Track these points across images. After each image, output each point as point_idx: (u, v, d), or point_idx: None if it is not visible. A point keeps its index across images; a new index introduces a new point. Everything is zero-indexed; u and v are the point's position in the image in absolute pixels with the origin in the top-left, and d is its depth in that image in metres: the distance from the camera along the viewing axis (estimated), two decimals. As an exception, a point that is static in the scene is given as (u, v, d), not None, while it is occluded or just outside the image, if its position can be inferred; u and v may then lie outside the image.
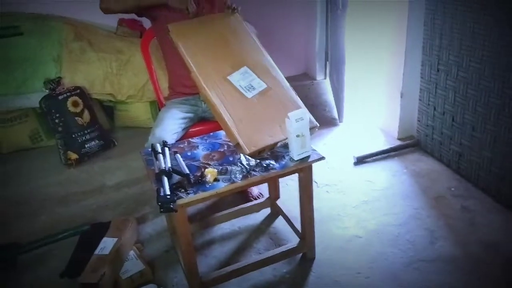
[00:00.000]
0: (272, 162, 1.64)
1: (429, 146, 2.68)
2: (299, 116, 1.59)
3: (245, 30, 2.00)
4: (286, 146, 1.71)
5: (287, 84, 1.85)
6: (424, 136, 2.71)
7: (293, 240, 1.99)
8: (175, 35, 1.88)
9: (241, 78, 1.80)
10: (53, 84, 2.88)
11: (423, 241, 1.99)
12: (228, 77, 1.79)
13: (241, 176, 1.57)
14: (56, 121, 2.85)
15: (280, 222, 2.19)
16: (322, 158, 1.69)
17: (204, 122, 2.26)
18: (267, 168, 1.62)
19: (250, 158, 1.60)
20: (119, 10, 2.10)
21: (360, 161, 2.67)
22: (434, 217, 2.14)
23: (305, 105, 1.79)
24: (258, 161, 1.63)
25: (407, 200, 2.29)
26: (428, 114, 2.63)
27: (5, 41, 2.79)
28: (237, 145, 1.65)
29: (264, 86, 1.80)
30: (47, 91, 2.88)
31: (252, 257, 1.97)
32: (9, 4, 3.08)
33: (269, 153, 1.71)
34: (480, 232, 2.02)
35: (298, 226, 1.96)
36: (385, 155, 2.72)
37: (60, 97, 2.85)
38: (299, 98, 1.82)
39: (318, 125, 1.77)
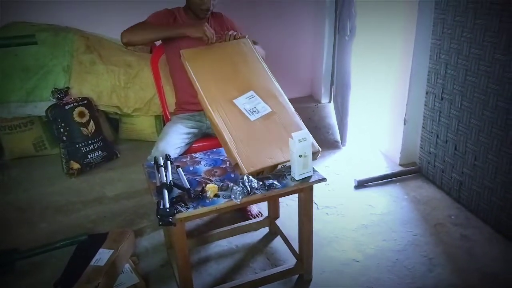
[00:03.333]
0: (275, 182, 1.64)
1: (430, 174, 2.68)
2: (302, 137, 1.60)
3: (255, 56, 2.04)
4: (286, 168, 1.71)
5: (292, 109, 1.87)
6: (426, 163, 2.71)
7: (290, 261, 1.98)
8: (186, 59, 1.94)
9: (246, 102, 1.83)
10: (60, 94, 2.91)
11: (421, 268, 1.98)
12: (234, 100, 1.83)
13: (241, 196, 1.56)
14: (61, 130, 2.87)
15: (278, 242, 2.18)
16: (324, 179, 1.69)
17: (208, 138, 2.27)
18: (269, 188, 1.62)
19: (252, 179, 1.60)
20: (141, 43, 2.17)
21: (361, 185, 2.67)
22: (433, 245, 2.13)
23: (309, 127, 1.80)
24: (261, 183, 1.63)
25: (407, 226, 2.28)
26: (430, 142, 2.64)
27: (19, 49, 2.86)
28: (236, 165, 1.66)
29: (269, 110, 1.83)
30: (54, 100, 2.91)
31: (248, 276, 1.95)
32: (31, 13, 3.18)
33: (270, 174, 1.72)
34: (479, 261, 2.01)
35: (296, 247, 1.95)
36: (387, 180, 2.72)
37: (66, 107, 2.88)
38: (303, 123, 1.83)
39: (321, 149, 1.77)
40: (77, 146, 2.89)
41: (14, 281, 1.98)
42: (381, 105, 3.06)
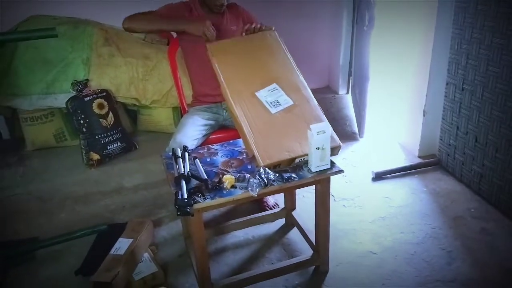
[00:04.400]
0: (293, 175, 1.64)
1: (450, 166, 2.64)
2: (321, 129, 1.58)
3: (280, 48, 2.02)
4: (304, 162, 1.70)
5: (315, 103, 1.85)
6: (445, 155, 2.67)
7: (307, 252, 1.98)
8: (211, 53, 1.94)
9: (268, 94, 1.83)
10: (80, 86, 2.95)
11: (440, 261, 1.95)
12: (256, 93, 1.82)
13: (258, 189, 1.56)
14: (81, 121, 2.92)
15: (294, 234, 2.18)
16: (341, 171, 1.68)
17: (225, 129, 2.28)
18: (287, 180, 1.62)
19: (269, 171, 1.60)
20: (141, 31, 2.19)
21: (379, 177, 2.65)
22: (452, 238, 2.10)
23: (326, 118, 1.79)
24: (278, 175, 1.63)
25: (425, 218, 2.25)
26: (450, 133, 2.59)
27: (40, 42, 2.91)
28: (253, 157, 1.66)
29: (291, 103, 1.81)
30: (74, 92, 2.96)
31: (265, 266, 1.96)
32: (51, 7, 3.23)
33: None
34: (500, 256, 1.97)
35: (312, 238, 1.94)
36: (405, 172, 2.69)
37: (86, 99, 2.93)
38: (325, 117, 1.80)
39: (341, 144, 1.75)
40: (96, 137, 2.93)
41: (35, 269, 2.03)
42: (400, 96, 3.02)
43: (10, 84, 3.03)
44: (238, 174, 1.66)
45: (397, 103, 3.07)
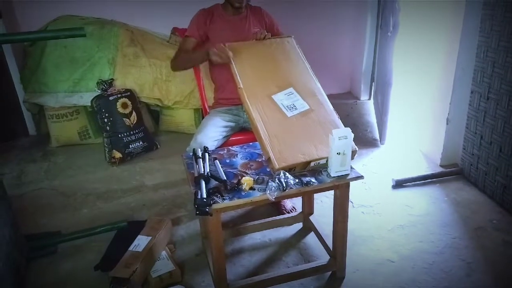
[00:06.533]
0: (312, 179, 1.64)
1: (473, 176, 2.59)
2: (343, 135, 1.58)
3: (298, 54, 2.06)
4: (319, 166, 1.70)
5: (331, 107, 1.87)
6: (468, 165, 2.62)
7: (323, 258, 1.97)
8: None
9: (285, 98, 1.85)
10: (105, 85, 3.02)
11: (459, 272, 1.92)
12: (273, 96, 1.84)
13: (277, 192, 1.56)
14: (105, 120, 2.98)
15: (311, 238, 2.17)
16: (361, 177, 1.67)
17: (245, 132, 2.29)
18: (306, 185, 1.62)
19: (289, 175, 1.60)
20: (183, 70, 2.40)
21: (399, 184, 2.62)
22: (472, 249, 2.06)
23: (347, 124, 1.77)
24: (297, 180, 1.63)
25: (445, 228, 2.22)
26: (474, 143, 2.55)
27: (68, 41, 2.99)
28: (268, 159, 1.67)
29: (307, 107, 1.83)
30: (99, 91, 3.02)
31: (281, 270, 1.96)
32: (79, 7, 3.33)
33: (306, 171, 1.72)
34: (522, 269, 1.93)
35: (329, 244, 1.94)
36: (426, 181, 2.65)
37: (110, 98, 2.99)
38: (340, 122, 1.82)
39: (357, 149, 1.75)
40: (119, 136, 2.99)
41: (56, 262, 2.08)
42: (423, 104, 2.98)
43: (38, 81, 3.12)
44: (257, 176, 1.67)
45: (420, 111, 3.03)
